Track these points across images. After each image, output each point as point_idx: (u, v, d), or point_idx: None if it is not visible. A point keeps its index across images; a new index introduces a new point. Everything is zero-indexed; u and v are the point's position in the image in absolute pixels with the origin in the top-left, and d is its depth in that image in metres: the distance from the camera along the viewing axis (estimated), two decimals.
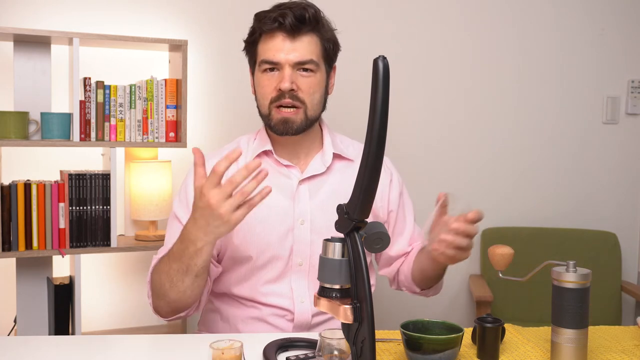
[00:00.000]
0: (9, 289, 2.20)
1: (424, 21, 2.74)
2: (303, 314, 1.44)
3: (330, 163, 1.49)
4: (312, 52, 1.41)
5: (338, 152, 1.51)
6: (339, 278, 0.99)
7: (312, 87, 1.42)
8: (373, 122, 0.91)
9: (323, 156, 1.50)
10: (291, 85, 1.39)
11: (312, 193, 1.47)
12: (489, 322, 1.22)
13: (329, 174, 1.49)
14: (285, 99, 1.40)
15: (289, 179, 1.47)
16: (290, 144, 1.48)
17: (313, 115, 1.44)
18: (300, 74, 1.41)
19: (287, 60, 1.39)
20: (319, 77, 1.44)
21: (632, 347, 1.30)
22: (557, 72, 2.90)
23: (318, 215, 1.45)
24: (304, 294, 1.45)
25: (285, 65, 1.39)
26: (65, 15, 2.28)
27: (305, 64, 1.40)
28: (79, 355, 1.22)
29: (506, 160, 2.88)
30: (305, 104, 1.41)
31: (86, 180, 2.08)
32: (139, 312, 2.45)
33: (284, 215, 1.45)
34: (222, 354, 1.02)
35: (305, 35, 1.41)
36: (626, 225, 2.99)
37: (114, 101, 2.12)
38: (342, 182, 1.48)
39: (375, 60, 0.91)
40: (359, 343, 0.96)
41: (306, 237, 1.44)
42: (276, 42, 1.40)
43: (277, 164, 1.48)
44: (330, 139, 1.52)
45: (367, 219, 0.98)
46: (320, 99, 1.46)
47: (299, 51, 1.40)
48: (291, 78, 1.39)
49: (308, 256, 1.44)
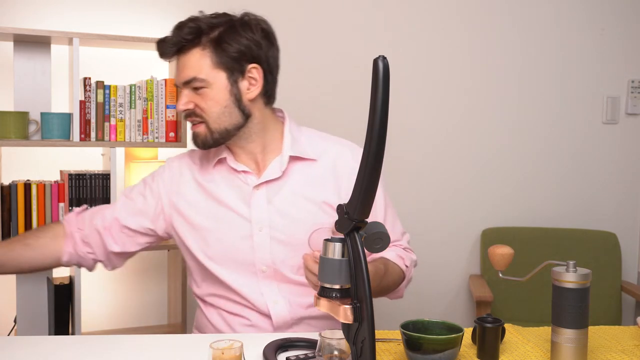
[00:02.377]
0: (9, 289, 2.20)
1: (424, 21, 2.74)
2: (280, 315, 1.42)
3: (288, 166, 1.45)
4: (196, 69, 1.38)
5: (296, 154, 1.45)
6: (339, 278, 0.99)
7: (207, 102, 1.39)
8: (373, 122, 0.91)
9: (281, 159, 1.46)
10: (185, 106, 1.41)
11: (269, 198, 1.44)
12: (489, 322, 1.22)
13: (287, 178, 1.45)
14: (190, 117, 1.43)
15: (245, 184, 1.45)
16: (246, 149, 1.47)
17: (219, 128, 1.40)
18: (195, 91, 1.40)
19: (179, 81, 1.42)
20: (215, 90, 1.39)
21: (632, 347, 1.30)
22: (557, 72, 2.90)
23: (277, 220, 1.42)
24: (276, 295, 1.43)
25: (181, 86, 1.42)
26: (65, 15, 2.28)
27: (191, 83, 1.39)
28: (79, 355, 1.22)
29: (506, 160, 2.88)
30: (205, 119, 1.41)
31: (86, 180, 2.08)
32: (139, 312, 2.45)
33: (242, 221, 1.43)
34: (222, 354, 1.02)
35: (190, 53, 1.39)
36: (626, 225, 3.00)
37: (114, 101, 2.12)
38: (304, 184, 1.45)
39: (375, 60, 0.91)
40: (359, 343, 0.96)
41: (266, 244, 1.42)
42: (174, 64, 1.45)
43: (233, 171, 1.46)
44: (290, 140, 1.47)
45: (367, 219, 0.98)
46: (224, 110, 1.40)
47: (185, 70, 1.40)
48: (184, 99, 1.41)
49: (271, 262, 1.42)
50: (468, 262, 2.87)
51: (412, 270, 1.54)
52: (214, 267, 1.45)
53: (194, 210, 1.47)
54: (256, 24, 1.43)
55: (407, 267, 1.50)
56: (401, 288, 1.52)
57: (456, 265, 2.86)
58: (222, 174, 1.48)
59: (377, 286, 1.37)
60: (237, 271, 1.44)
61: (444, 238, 2.83)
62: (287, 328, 1.43)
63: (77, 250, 1.49)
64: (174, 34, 1.40)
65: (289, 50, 2.61)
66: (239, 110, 1.42)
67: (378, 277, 1.37)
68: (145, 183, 1.54)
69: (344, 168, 1.47)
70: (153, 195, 1.50)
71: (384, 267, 1.41)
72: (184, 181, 1.50)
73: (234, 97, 1.41)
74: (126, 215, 1.50)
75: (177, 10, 2.41)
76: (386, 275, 1.42)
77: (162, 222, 1.50)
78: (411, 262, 1.53)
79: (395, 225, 1.55)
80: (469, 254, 2.87)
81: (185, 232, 1.47)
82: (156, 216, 1.50)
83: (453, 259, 2.85)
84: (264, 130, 1.46)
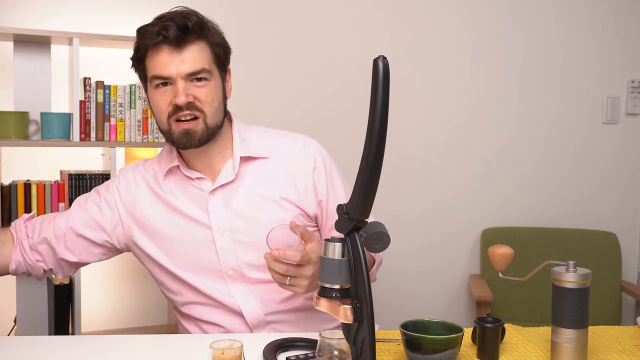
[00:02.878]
0: (9, 289, 2.20)
1: (424, 21, 2.74)
2: (253, 313, 1.42)
3: (241, 167, 1.43)
4: (203, 61, 1.36)
5: (247, 155, 1.44)
6: (339, 278, 0.99)
7: (209, 96, 1.37)
8: (373, 122, 0.91)
9: (233, 161, 1.44)
10: (187, 99, 1.34)
11: (227, 202, 1.42)
12: (489, 322, 1.22)
13: (241, 179, 1.44)
14: (183, 111, 1.35)
15: (201, 190, 1.43)
16: (200, 155, 1.44)
17: (213, 123, 1.38)
18: (195, 84, 1.36)
19: (178, 73, 1.34)
20: (214, 83, 1.39)
21: (632, 347, 1.30)
22: (557, 72, 2.90)
23: (238, 223, 1.41)
24: (246, 296, 1.42)
25: (177, 79, 1.34)
26: (65, 15, 2.28)
27: (198, 74, 1.35)
28: (79, 355, 1.22)
29: (506, 160, 2.88)
30: (205, 113, 1.37)
31: (86, 180, 2.08)
32: (139, 312, 2.45)
33: (202, 228, 1.42)
34: (222, 354, 1.02)
35: (192, 44, 1.35)
36: (626, 225, 3.00)
37: (114, 101, 2.13)
38: (259, 182, 1.44)
39: (375, 60, 0.91)
40: (359, 343, 0.96)
41: (229, 248, 1.41)
42: (163, 56, 1.34)
43: (187, 178, 1.45)
44: (240, 141, 1.45)
45: (367, 219, 0.98)
46: (219, 105, 1.40)
47: (189, 62, 1.34)
48: (185, 91, 1.34)
49: (236, 266, 1.41)
50: (468, 262, 2.87)
51: (381, 254, 1.50)
52: (183, 273, 1.43)
53: (153, 221, 1.44)
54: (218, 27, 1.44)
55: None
56: (373, 272, 1.49)
57: (456, 265, 2.86)
58: (176, 182, 1.45)
59: None
60: (206, 276, 1.43)
61: (444, 238, 2.83)
62: (263, 327, 1.43)
63: (25, 259, 1.43)
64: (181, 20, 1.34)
65: (289, 51, 2.62)
66: (224, 109, 1.43)
67: None
68: (99, 194, 1.48)
69: (297, 162, 1.46)
70: (109, 207, 1.46)
71: None
72: (140, 192, 1.47)
73: (223, 95, 1.42)
74: (81, 225, 1.45)
75: None
76: None
77: (120, 235, 1.46)
78: None
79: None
80: (469, 254, 2.87)
81: (148, 243, 1.45)
82: (112, 228, 1.45)
83: (453, 259, 2.85)
84: (220, 134, 1.44)
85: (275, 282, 1.22)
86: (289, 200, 1.43)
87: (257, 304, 1.42)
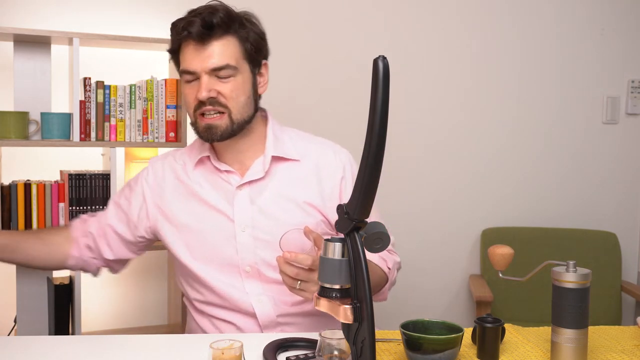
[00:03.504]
0: (9, 289, 2.20)
1: (424, 21, 2.74)
2: (265, 313, 1.42)
3: (271, 166, 1.44)
4: (229, 56, 1.37)
5: (279, 155, 1.45)
6: (339, 278, 0.99)
7: (234, 91, 1.38)
8: (373, 122, 0.91)
9: (264, 159, 1.45)
10: (209, 94, 1.36)
11: (252, 198, 1.43)
12: (489, 322, 1.22)
13: (270, 178, 1.45)
14: (206, 106, 1.37)
15: (228, 184, 1.45)
16: (230, 148, 1.45)
17: (240, 118, 1.39)
18: (220, 79, 1.37)
19: (202, 68, 1.36)
20: (241, 79, 1.39)
21: (632, 347, 1.30)
22: (557, 72, 2.90)
23: (260, 220, 1.42)
24: (260, 294, 1.43)
25: (202, 74, 1.36)
26: (65, 15, 2.28)
27: (222, 70, 1.36)
28: (79, 355, 1.22)
29: (506, 160, 2.88)
30: (229, 109, 1.38)
31: (86, 180, 2.08)
32: (139, 312, 2.45)
33: (225, 220, 1.43)
34: (222, 354, 1.02)
35: (217, 39, 1.36)
36: (626, 225, 3.00)
37: (114, 101, 2.12)
38: (287, 183, 1.45)
39: (375, 60, 0.91)
40: (359, 343, 0.96)
41: (249, 244, 1.42)
42: (190, 51, 1.37)
43: (216, 170, 1.46)
44: (273, 140, 1.46)
45: (367, 219, 0.98)
46: (247, 100, 1.41)
47: (214, 57, 1.35)
48: (208, 86, 1.35)
49: (254, 263, 1.42)
50: (468, 262, 2.87)
51: (395, 273, 1.52)
52: (199, 268, 1.44)
53: (177, 212, 1.46)
54: (258, 20, 1.45)
55: (390, 269, 1.48)
56: (384, 291, 1.50)
57: (456, 265, 2.86)
58: (205, 174, 1.47)
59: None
60: (221, 271, 1.43)
61: (444, 238, 2.83)
62: (274, 327, 1.43)
63: (81, 255, 1.51)
64: (207, 16, 1.35)
65: (289, 51, 2.62)
66: (254, 104, 1.44)
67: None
68: (129, 187, 1.55)
69: (326, 169, 1.47)
70: (136, 198, 1.51)
71: None
72: (167, 182, 1.49)
73: (253, 90, 1.43)
74: (118, 223, 1.51)
75: (176, 10, 2.40)
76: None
77: (146, 226, 1.50)
78: (394, 265, 1.50)
79: None
80: (469, 254, 2.87)
81: (170, 234, 1.47)
82: (140, 220, 1.50)
83: (453, 259, 2.85)
84: (252, 129, 1.46)
85: (286, 285, 1.21)
86: (313, 205, 1.44)
87: (269, 303, 1.43)
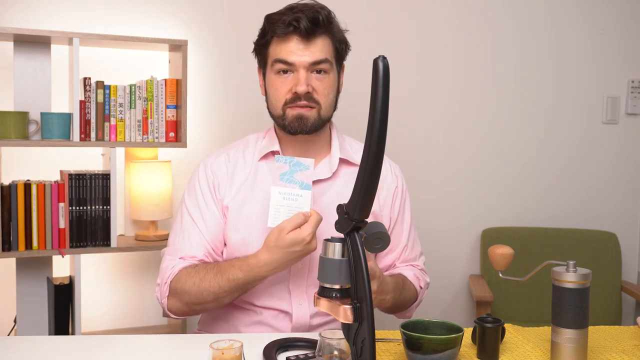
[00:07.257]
0: (9, 289, 2.20)
1: (423, 22, 2.74)
2: (301, 317, 1.44)
3: (337, 168, 1.48)
4: (326, 53, 1.42)
5: (345, 157, 1.49)
6: (339, 278, 0.99)
7: (327, 89, 1.42)
8: (373, 122, 0.91)
9: (330, 160, 1.49)
10: (307, 88, 1.39)
11: (316, 197, 1.45)
12: (489, 322, 1.22)
13: (335, 179, 1.48)
14: (301, 100, 1.40)
15: None
16: (299, 146, 1.47)
17: (326, 115, 1.44)
18: (315, 75, 1.41)
19: (301, 62, 1.39)
20: (332, 77, 1.44)
21: (632, 347, 1.30)
22: (557, 72, 2.90)
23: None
24: (302, 297, 1.44)
25: (300, 68, 1.39)
26: (65, 15, 2.28)
27: (320, 64, 1.40)
28: (79, 355, 1.22)
29: (506, 160, 2.88)
30: (320, 105, 1.42)
31: (86, 180, 2.08)
32: (139, 312, 2.45)
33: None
34: (222, 354, 1.02)
35: (319, 37, 1.41)
36: (626, 225, 3.00)
37: (114, 101, 2.12)
38: (348, 187, 1.46)
39: (375, 60, 0.91)
40: (359, 343, 0.96)
41: None
42: (290, 45, 1.39)
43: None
44: (338, 143, 1.51)
45: (367, 219, 0.98)
46: (333, 99, 1.46)
47: (314, 52, 1.40)
48: (307, 80, 1.39)
49: (308, 260, 1.43)
50: (468, 262, 2.87)
51: (424, 293, 1.57)
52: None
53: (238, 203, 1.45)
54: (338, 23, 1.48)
55: (422, 288, 1.54)
56: (412, 308, 1.55)
57: (456, 265, 2.86)
58: (269, 169, 1.47)
59: (396, 299, 1.39)
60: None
61: (444, 238, 2.83)
62: (304, 330, 1.44)
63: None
64: (312, 14, 1.38)
65: None
66: (336, 104, 1.48)
67: (398, 289, 1.39)
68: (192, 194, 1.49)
69: (384, 178, 1.52)
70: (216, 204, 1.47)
71: (402, 282, 1.44)
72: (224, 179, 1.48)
73: (337, 90, 1.48)
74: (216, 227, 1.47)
75: (176, 10, 2.41)
76: (403, 291, 1.44)
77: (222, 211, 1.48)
78: (425, 284, 1.56)
79: (415, 245, 1.59)
80: (469, 254, 2.87)
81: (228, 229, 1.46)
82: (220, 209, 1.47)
83: (453, 259, 2.85)
84: (323, 129, 1.49)
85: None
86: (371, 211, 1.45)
87: (308, 306, 1.43)
